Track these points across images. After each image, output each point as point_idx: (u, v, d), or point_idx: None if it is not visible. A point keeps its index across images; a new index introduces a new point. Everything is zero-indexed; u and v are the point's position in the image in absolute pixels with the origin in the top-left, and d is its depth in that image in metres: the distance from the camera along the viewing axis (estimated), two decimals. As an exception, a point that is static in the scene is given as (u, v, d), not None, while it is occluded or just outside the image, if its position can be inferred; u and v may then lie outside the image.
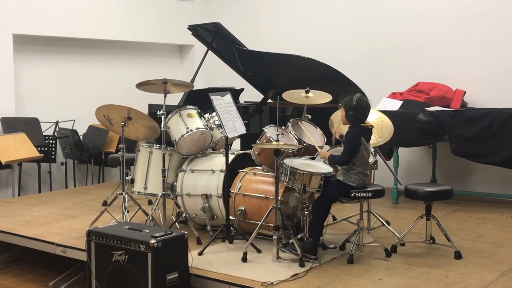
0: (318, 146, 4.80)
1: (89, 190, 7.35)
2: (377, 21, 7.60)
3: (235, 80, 7.25)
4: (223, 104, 4.89)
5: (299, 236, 4.52)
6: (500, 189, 6.73)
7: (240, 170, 5.08)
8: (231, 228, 4.79)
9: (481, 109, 6.21)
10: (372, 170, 4.99)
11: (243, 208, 4.81)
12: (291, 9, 8.39)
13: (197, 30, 6.71)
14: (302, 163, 4.55)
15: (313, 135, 5.04)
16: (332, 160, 4.45)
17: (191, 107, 5.22)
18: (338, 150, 4.80)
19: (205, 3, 9.26)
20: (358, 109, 4.35)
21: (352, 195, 4.37)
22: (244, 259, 4.34)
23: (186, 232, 4.06)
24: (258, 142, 4.83)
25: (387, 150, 6.49)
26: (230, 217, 4.82)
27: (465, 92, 6.75)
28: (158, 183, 5.07)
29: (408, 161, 7.34)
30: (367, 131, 4.47)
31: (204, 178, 5.08)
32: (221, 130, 5.14)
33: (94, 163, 7.86)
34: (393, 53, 7.47)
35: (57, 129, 7.64)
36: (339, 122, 4.70)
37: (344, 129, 4.55)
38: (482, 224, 5.57)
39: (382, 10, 7.57)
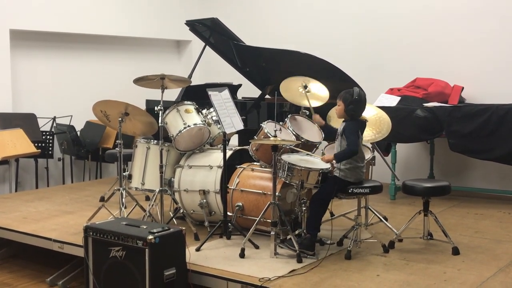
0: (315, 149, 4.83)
1: (86, 186, 7.34)
2: (375, 17, 7.59)
3: (233, 75, 7.24)
4: (221, 99, 4.88)
5: (296, 232, 4.53)
6: (498, 185, 6.73)
7: (238, 166, 5.07)
8: (229, 224, 4.78)
9: (479, 105, 6.21)
10: (370, 166, 4.98)
11: (240, 204, 4.81)
12: (289, 5, 8.37)
13: (194, 26, 6.70)
14: (300, 159, 4.54)
15: (310, 131, 5.03)
16: (339, 157, 4.32)
17: (189, 102, 5.21)
18: (334, 147, 4.80)
19: (203, -2, 9.25)
20: (359, 103, 4.35)
21: (349, 191, 4.37)
22: (242, 255, 4.33)
23: (183, 228, 4.06)
24: (256, 137, 4.82)
25: (385, 146, 6.49)
26: (228, 213, 4.82)
27: (463, 88, 6.75)
28: (156, 179, 5.07)
29: (406, 157, 7.33)
30: (363, 125, 4.47)
31: (201, 174, 5.08)
32: (218, 126, 5.14)
33: (92, 159, 7.85)
34: (391, 49, 7.47)
35: (54, 124, 7.63)
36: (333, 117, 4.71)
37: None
38: (480, 220, 5.57)
39: (380, 6, 7.56)
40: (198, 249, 4.48)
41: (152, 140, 5.31)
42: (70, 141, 7.51)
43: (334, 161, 4.35)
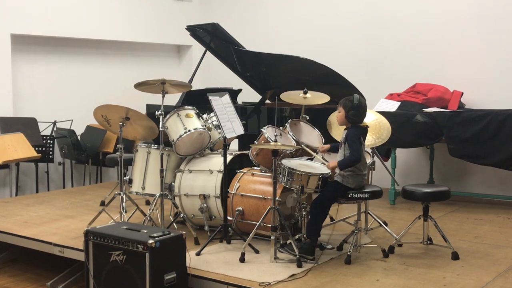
0: (317, 153, 4.81)
1: (86, 190, 7.35)
2: (375, 22, 7.61)
3: (233, 80, 7.25)
4: (221, 104, 4.90)
5: (296, 237, 4.53)
6: (497, 190, 6.74)
7: (238, 171, 5.08)
8: (229, 228, 4.79)
9: (479, 111, 6.23)
10: (370, 171, 4.99)
11: (241, 209, 4.82)
12: (289, 10, 8.40)
13: (195, 31, 6.71)
14: (300, 164, 4.55)
15: (311, 136, 5.05)
16: (343, 165, 4.34)
17: (189, 107, 5.22)
18: (331, 154, 4.81)
19: (203, 3, 9.26)
20: (359, 109, 4.37)
21: (349, 196, 4.38)
22: (242, 260, 4.34)
23: (184, 233, 4.07)
24: (256, 142, 4.83)
25: (385, 151, 6.50)
26: (228, 218, 4.83)
27: (462, 94, 6.76)
28: (156, 184, 5.08)
29: (406, 162, 7.35)
30: (365, 131, 4.48)
31: (202, 179, 5.09)
32: (219, 131, 5.15)
33: (92, 163, 7.86)
34: (391, 54, 7.49)
35: (55, 129, 7.64)
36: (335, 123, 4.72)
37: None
38: (479, 225, 5.58)
39: (380, 11, 7.58)
40: (198, 254, 4.49)
41: (152, 145, 5.33)
42: (70, 145, 7.52)
43: (337, 168, 4.36)
